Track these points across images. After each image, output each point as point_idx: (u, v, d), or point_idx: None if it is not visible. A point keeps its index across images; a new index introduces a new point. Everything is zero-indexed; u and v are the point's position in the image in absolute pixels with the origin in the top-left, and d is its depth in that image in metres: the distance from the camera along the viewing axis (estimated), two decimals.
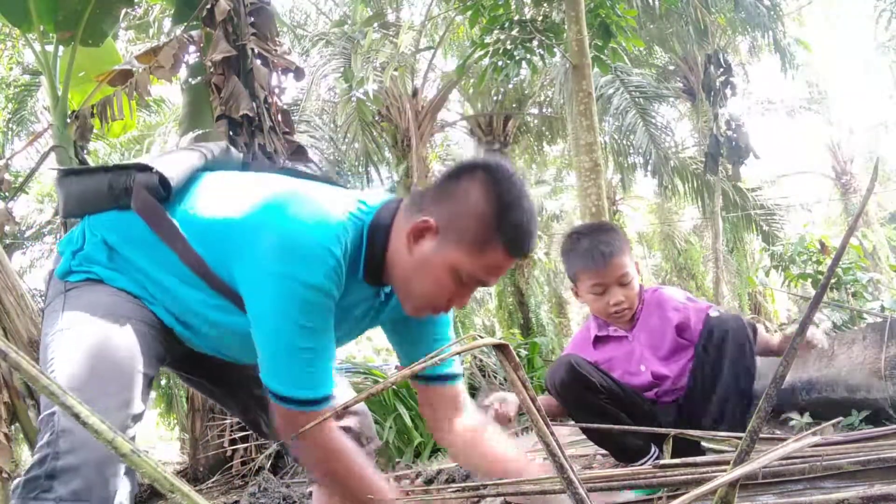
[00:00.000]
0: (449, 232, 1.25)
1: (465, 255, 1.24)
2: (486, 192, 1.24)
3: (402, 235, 1.28)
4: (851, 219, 4.08)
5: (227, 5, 4.49)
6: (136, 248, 1.36)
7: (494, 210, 1.23)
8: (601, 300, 2.09)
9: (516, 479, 1.31)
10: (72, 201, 1.44)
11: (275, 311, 1.22)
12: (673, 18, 10.99)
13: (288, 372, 1.24)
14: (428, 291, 1.29)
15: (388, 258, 1.30)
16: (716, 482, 0.75)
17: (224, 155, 1.58)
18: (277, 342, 1.24)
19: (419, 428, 4.18)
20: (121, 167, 1.41)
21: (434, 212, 1.27)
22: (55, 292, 1.37)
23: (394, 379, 0.81)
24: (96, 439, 1.10)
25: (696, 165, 12.31)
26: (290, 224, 1.24)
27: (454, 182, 1.29)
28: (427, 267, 1.26)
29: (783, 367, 0.77)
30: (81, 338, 1.25)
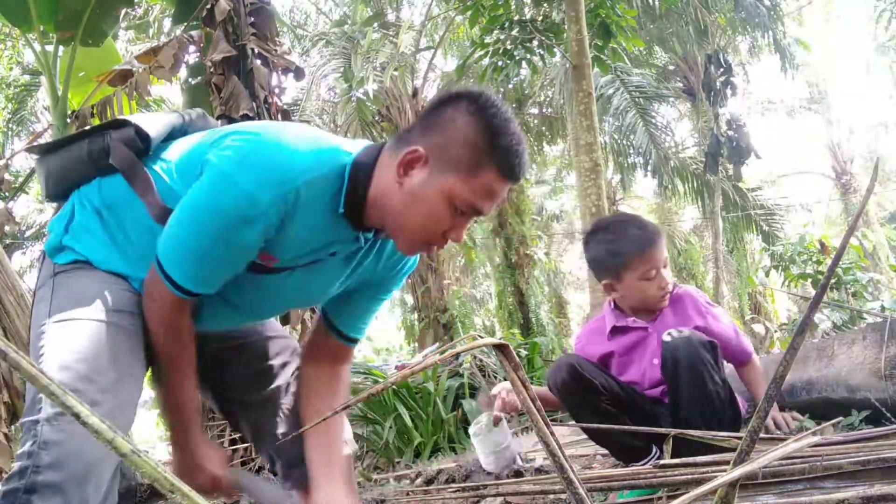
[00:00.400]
0: (439, 160, 1.23)
1: (459, 180, 1.22)
2: (472, 118, 1.23)
3: (390, 172, 1.26)
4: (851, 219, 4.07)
5: (227, 5, 4.48)
6: (122, 208, 1.35)
7: (483, 134, 1.22)
8: (652, 285, 2.07)
9: (516, 480, 1.30)
10: (54, 178, 1.43)
11: (204, 203, 1.22)
12: (673, 18, 11.00)
13: (181, 259, 1.25)
14: (423, 223, 1.26)
15: (371, 197, 1.27)
16: (716, 482, 0.75)
17: (201, 120, 1.57)
18: (188, 232, 1.24)
19: (419, 428, 4.18)
20: (97, 128, 1.40)
21: (422, 142, 1.25)
22: (45, 274, 1.37)
23: (394, 379, 0.81)
24: (78, 455, 1.11)
25: (696, 165, 12.31)
26: (258, 139, 1.22)
27: (439, 112, 1.27)
28: (420, 197, 1.24)
29: (783, 367, 0.77)
30: (71, 332, 1.24)
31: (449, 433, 4.19)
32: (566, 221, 19.50)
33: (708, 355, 1.90)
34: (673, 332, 1.94)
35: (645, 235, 2.07)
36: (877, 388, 2.25)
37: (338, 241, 1.34)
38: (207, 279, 1.28)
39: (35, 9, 4.43)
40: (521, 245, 12.21)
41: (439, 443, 4.12)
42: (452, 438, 4.17)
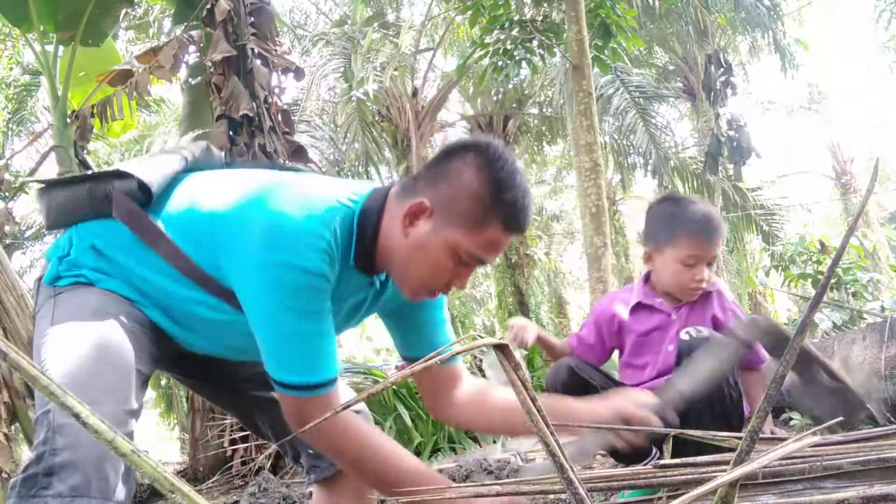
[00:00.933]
0: (444, 212, 1.24)
1: (463, 234, 1.24)
2: (479, 171, 1.24)
3: (396, 219, 1.27)
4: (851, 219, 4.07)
5: (227, 5, 4.49)
6: (124, 252, 1.36)
7: (489, 187, 1.23)
8: (686, 273, 2.03)
9: (516, 480, 1.29)
10: (54, 212, 1.43)
11: (269, 300, 1.22)
12: (673, 18, 11.00)
13: (289, 358, 1.23)
14: (426, 273, 1.28)
15: (380, 244, 1.29)
16: (716, 482, 0.75)
17: (205, 155, 1.57)
18: (276, 331, 1.23)
19: (419, 428, 4.18)
20: (99, 175, 1.41)
21: (428, 193, 1.26)
22: (44, 298, 1.37)
23: (394, 379, 0.81)
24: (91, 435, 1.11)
25: (696, 165, 12.31)
26: (276, 212, 1.23)
27: (445, 163, 1.28)
28: (424, 248, 1.26)
29: (783, 366, 0.77)
30: (73, 338, 1.24)
31: (449, 433, 4.19)
32: (566, 221, 19.49)
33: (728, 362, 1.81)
34: (691, 331, 1.91)
35: (706, 223, 2.01)
36: (877, 388, 2.26)
37: (358, 290, 1.37)
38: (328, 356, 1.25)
39: (35, 9, 4.44)
40: (521, 245, 12.23)
41: (439, 443, 4.12)
42: (452, 438, 4.17)
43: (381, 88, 10.53)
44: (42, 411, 1.16)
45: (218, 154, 1.62)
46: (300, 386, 1.23)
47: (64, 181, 1.46)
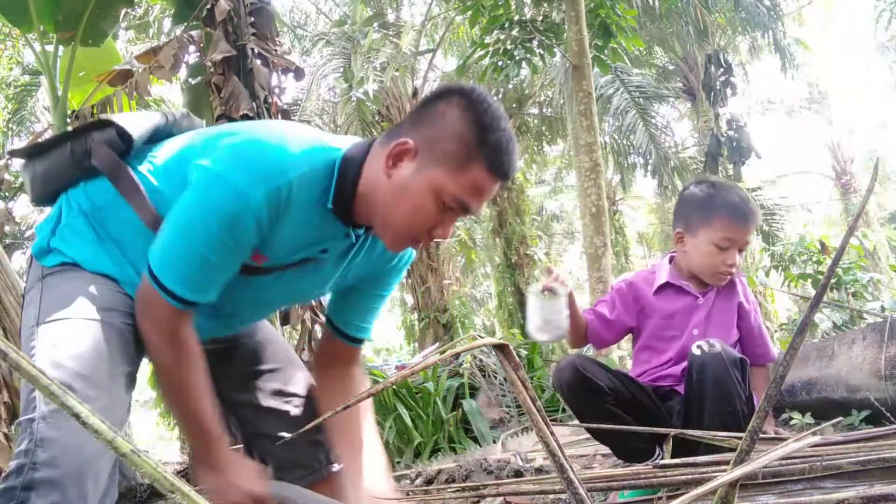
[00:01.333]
0: (428, 152, 1.22)
1: (447, 174, 1.21)
2: (463, 113, 1.22)
3: (379, 165, 1.25)
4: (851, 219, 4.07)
5: (227, 5, 4.48)
6: (109, 211, 1.33)
7: (474, 128, 1.21)
8: (718, 256, 2.02)
9: (516, 480, 1.29)
10: (38, 182, 1.41)
11: (197, 206, 1.20)
12: (673, 18, 11.00)
13: (177, 266, 1.21)
14: (409, 217, 1.24)
15: (360, 193, 1.27)
16: (716, 482, 0.75)
17: (185, 119, 1.54)
18: (182, 240, 1.21)
19: (419, 428, 4.18)
20: (78, 130, 1.39)
21: (412, 134, 1.24)
22: (33, 277, 1.35)
23: (394, 379, 0.81)
24: (75, 451, 1.10)
25: (696, 165, 12.30)
26: (248, 138, 1.22)
27: (430, 106, 1.27)
28: (407, 190, 1.22)
29: (783, 367, 0.77)
30: (61, 331, 1.23)
31: (449, 433, 4.19)
32: (566, 221, 19.50)
33: (737, 372, 1.85)
34: (703, 345, 1.88)
35: (742, 209, 2.02)
36: (877, 388, 2.26)
37: (328, 239, 1.33)
38: (206, 285, 1.25)
39: (35, 9, 4.43)
40: (521, 245, 12.22)
41: (439, 443, 4.12)
42: (452, 438, 4.17)
43: (381, 88, 10.53)
44: (26, 418, 1.14)
45: (199, 121, 1.59)
46: (167, 289, 1.22)
47: (45, 145, 1.42)
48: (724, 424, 1.81)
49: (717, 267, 2.03)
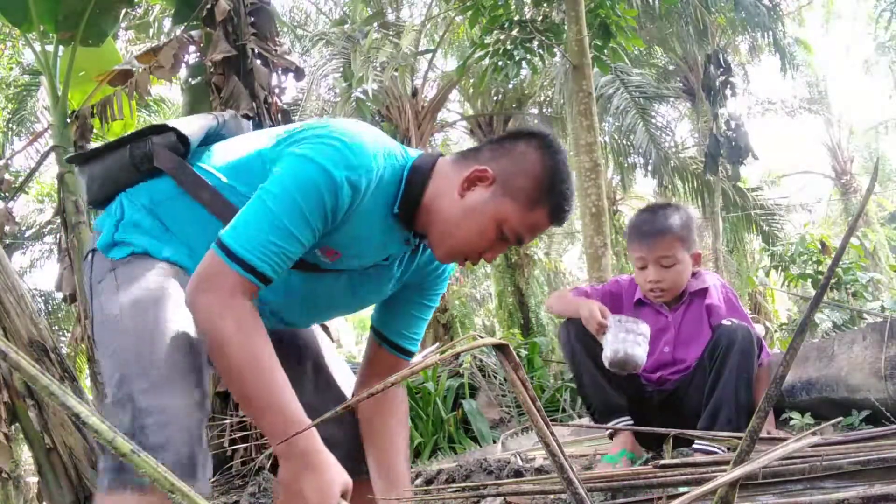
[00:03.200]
0: (504, 185, 1.31)
1: (515, 209, 1.31)
2: (542, 157, 1.33)
3: (452, 181, 1.33)
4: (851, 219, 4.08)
5: (227, 5, 4.48)
6: (174, 207, 1.36)
7: (549, 175, 1.32)
8: (641, 275, 2.17)
9: (516, 480, 1.29)
10: (98, 183, 1.44)
11: (281, 182, 1.22)
12: (673, 18, 10.99)
13: (252, 235, 1.19)
14: (469, 238, 1.33)
15: (425, 202, 1.34)
16: (716, 482, 0.75)
17: (234, 121, 1.59)
18: (262, 209, 1.21)
19: (419, 428, 4.18)
20: (137, 135, 1.42)
21: (492, 164, 1.32)
22: (102, 269, 1.35)
23: (394, 379, 0.81)
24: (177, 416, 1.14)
25: (696, 165, 12.31)
26: (337, 132, 1.26)
27: (511, 142, 1.36)
28: (475, 214, 1.31)
29: (783, 367, 0.77)
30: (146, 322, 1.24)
31: (449, 433, 4.19)
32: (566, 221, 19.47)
33: (756, 348, 2.00)
34: (733, 319, 2.04)
35: (639, 228, 2.16)
36: (877, 388, 2.26)
37: (391, 243, 1.39)
38: (276, 257, 1.20)
39: (35, 9, 4.44)
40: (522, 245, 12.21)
41: (439, 443, 4.12)
42: (452, 438, 4.17)
43: (381, 88, 10.52)
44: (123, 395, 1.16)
45: (247, 124, 1.64)
46: (240, 259, 1.18)
47: (102, 149, 1.46)
48: (736, 391, 1.96)
49: (643, 285, 2.19)
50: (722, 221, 12.20)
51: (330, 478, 1.16)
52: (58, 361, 2.51)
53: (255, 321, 1.19)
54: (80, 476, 2.52)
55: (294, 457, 1.16)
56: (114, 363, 1.23)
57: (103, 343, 1.27)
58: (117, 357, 1.23)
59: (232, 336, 1.16)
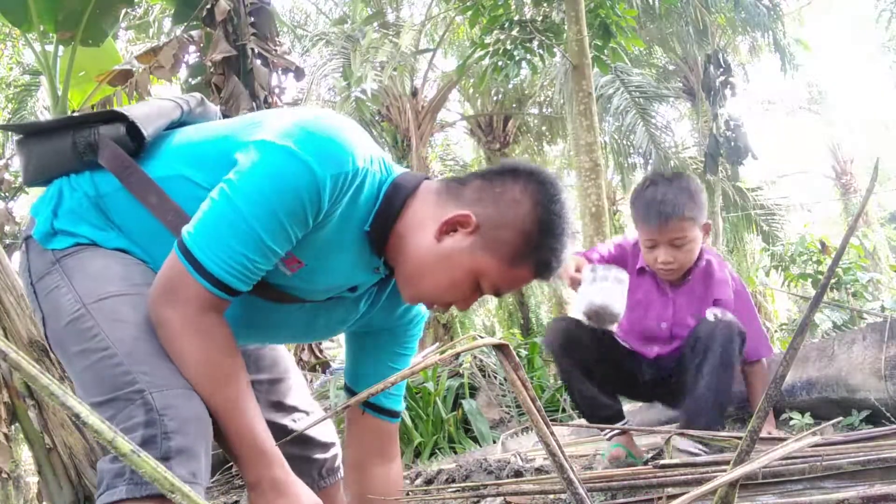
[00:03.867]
0: (487, 236, 1.16)
1: (496, 264, 1.17)
2: (534, 209, 1.16)
3: (429, 219, 1.18)
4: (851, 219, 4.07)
5: (227, 5, 4.49)
6: (120, 201, 1.21)
7: (539, 230, 1.16)
8: (650, 254, 2.09)
9: (516, 480, 1.29)
10: (33, 164, 1.27)
11: (255, 177, 1.07)
12: (673, 18, 11.00)
13: (220, 244, 1.07)
14: (440, 287, 1.19)
15: (399, 227, 1.19)
16: (716, 482, 0.75)
17: (200, 107, 1.41)
18: (231, 211, 1.07)
19: (419, 428, 4.18)
20: (84, 120, 1.25)
21: (476, 209, 1.17)
22: (42, 263, 1.20)
23: (394, 379, 0.81)
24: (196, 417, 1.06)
25: (696, 165, 12.30)
26: (321, 122, 1.11)
27: (501, 183, 1.19)
28: (450, 262, 1.17)
29: (783, 367, 0.77)
30: (116, 308, 1.12)
31: (449, 433, 4.18)
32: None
33: (739, 341, 1.97)
34: (717, 312, 2.00)
35: (649, 209, 2.04)
36: (877, 388, 2.26)
37: (359, 267, 1.24)
38: (246, 273, 1.09)
39: (35, 9, 4.44)
40: None
41: (439, 443, 4.12)
42: (452, 438, 4.17)
43: (381, 88, 10.53)
44: (130, 390, 1.05)
45: (214, 108, 1.46)
46: (206, 272, 1.07)
47: (45, 126, 1.29)
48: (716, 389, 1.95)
49: (652, 264, 2.11)
50: (722, 221, 12.20)
51: (300, 502, 1.13)
52: (58, 361, 2.51)
53: (224, 341, 1.11)
54: (80, 476, 2.52)
55: (265, 485, 1.12)
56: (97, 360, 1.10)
57: (78, 336, 1.13)
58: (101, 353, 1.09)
59: (198, 359, 1.09)
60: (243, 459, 1.12)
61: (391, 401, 1.45)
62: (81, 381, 1.14)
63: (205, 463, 1.07)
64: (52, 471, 2.53)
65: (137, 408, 1.04)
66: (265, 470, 1.11)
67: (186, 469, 1.03)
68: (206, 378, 1.09)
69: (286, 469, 1.14)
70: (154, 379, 1.06)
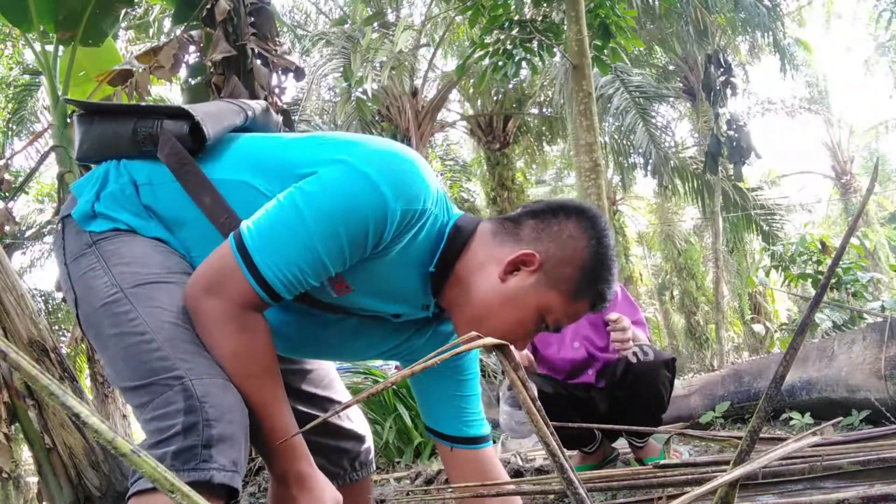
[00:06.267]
0: (551, 273, 1.19)
1: (560, 300, 1.20)
2: (589, 244, 1.20)
3: (490, 259, 1.20)
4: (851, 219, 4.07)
5: (227, 5, 4.48)
6: (170, 194, 1.21)
7: (595, 262, 1.20)
8: None
9: (516, 480, 1.29)
10: (88, 142, 1.27)
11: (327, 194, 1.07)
12: (673, 18, 11.00)
13: (280, 251, 1.07)
14: (506, 326, 1.19)
15: (458, 271, 1.21)
16: (716, 482, 0.75)
17: (264, 115, 1.42)
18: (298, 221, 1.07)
19: (419, 428, 4.18)
20: (149, 110, 1.27)
21: (537, 247, 1.20)
22: (79, 243, 1.19)
23: (394, 379, 0.81)
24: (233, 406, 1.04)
25: (696, 165, 12.31)
26: (396, 152, 1.12)
27: (555, 221, 1.22)
28: (517, 301, 1.19)
29: (783, 366, 0.77)
30: (154, 295, 1.12)
31: None
32: None
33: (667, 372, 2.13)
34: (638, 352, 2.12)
35: None
36: (877, 388, 2.26)
37: (410, 301, 1.26)
38: (295, 284, 1.10)
39: (35, 9, 4.44)
40: None
41: None
42: None
43: (381, 88, 10.53)
44: (170, 375, 1.04)
45: (276, 118, 1.47)
46: (259, 274, 1.07)
47: (110, 109, 1.30)
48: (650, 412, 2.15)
49: None
50: (722, 221, 12.21)
51: (323, 497, 1.14)
52: (58, 361, 2.51)
53: (263, 338, 1.12)
54: (80, 476, 2.52)
55: (290, 479, 1.13)
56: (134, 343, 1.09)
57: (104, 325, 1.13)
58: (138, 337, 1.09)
59: (236, 351, 1.09)
60: (273, 452, 1.13)
61: (473, 428, 1.44)
62: (114, 364, 1.13)
63: (244, 453, 1.06)
64: (52, 471, 2.53)
65: (176, 394, 1.03)
66: (292, 464, 1.13)
67: (228, 458, 1.01)
68: (243, 370, 1.09)
69: (312, 464, 1.15)
70: (194, 367, 1.05)
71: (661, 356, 2.10)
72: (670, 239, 17.15)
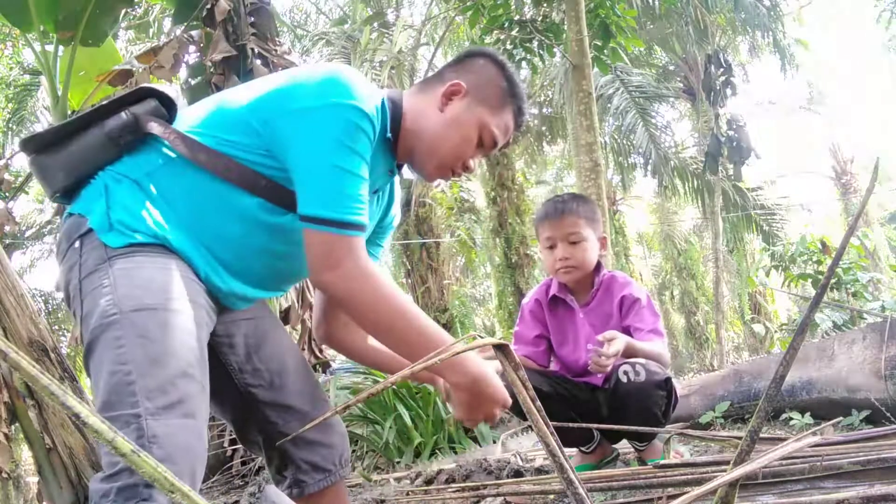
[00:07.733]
0: (476, 94, 1.45)
1: (490, 113, 1.45)
2: (498, 68, 1.50)
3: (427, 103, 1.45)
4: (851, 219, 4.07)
5: (227, 5, 4.49)
6: (168, 176, 1.29)
7: (507, 81, 1.48)
8: (550, 255, 2.23)
9: (516, 479, 1.29)
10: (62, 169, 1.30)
11: (321, 135, 1.25)
12: (673, 18, 11.00)
13: (328, 192, 1.25)
14: (457, 146, 1.44)
15: (406, 128, 1.44)
16: (716, 482, 0.75)
17: None
18: (322, 163, 1.25)
19: (419, 428, 4.18)
20: (111, 108, 1.32)
21: (461, 79, 1.46)
22: (96, 257, 1.24)
23: (394, 379, 0.81)
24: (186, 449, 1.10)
25: (696, 165, 12.32)
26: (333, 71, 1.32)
27: (468, 62, 1.51)
28: (459, 122, 1.44)
29: (783, 366, 0.77)
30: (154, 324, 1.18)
31: (449, 433, 4.19)
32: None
33: (661, 392, 2.02)
34: (629, 371, 2.01)
35: (551, 207, 2.25)
36: (877, 388, 2.26)
37: (381, 172, 1.46)
38: (363, 204, 1.28)
39: (35, 9, 4.43)
40: (521, 245, 12.23)
41: (439, 443, 4.12)
42: (452, 438, 4.17)
43: (381, 87, 10.52)
44: (129, 413, 1.10)
45: None
46: (333, 221, 1.24)
47: (65, 132, 1.32)
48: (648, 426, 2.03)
49: (553, 266, 2.24)
50: (722, 221, 12.21)
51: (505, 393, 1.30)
52: (58, 361, 2.51)
53: (385, 277, 1.30)
54: (80, 476, 2.51)
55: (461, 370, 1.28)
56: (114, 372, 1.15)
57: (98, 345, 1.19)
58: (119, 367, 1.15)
59: (377, 297, 1.26)
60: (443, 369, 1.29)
61: None
62: (96, 380, 1.19)
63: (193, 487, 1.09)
64: (52, 471, 2.53)
65: (131, 431, 1.09)
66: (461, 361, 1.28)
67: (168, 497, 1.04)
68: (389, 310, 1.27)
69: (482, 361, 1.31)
70: (157, 405, 1.11)
71: (654, 377, 1.97)
72: (670, 239, 17.15)
